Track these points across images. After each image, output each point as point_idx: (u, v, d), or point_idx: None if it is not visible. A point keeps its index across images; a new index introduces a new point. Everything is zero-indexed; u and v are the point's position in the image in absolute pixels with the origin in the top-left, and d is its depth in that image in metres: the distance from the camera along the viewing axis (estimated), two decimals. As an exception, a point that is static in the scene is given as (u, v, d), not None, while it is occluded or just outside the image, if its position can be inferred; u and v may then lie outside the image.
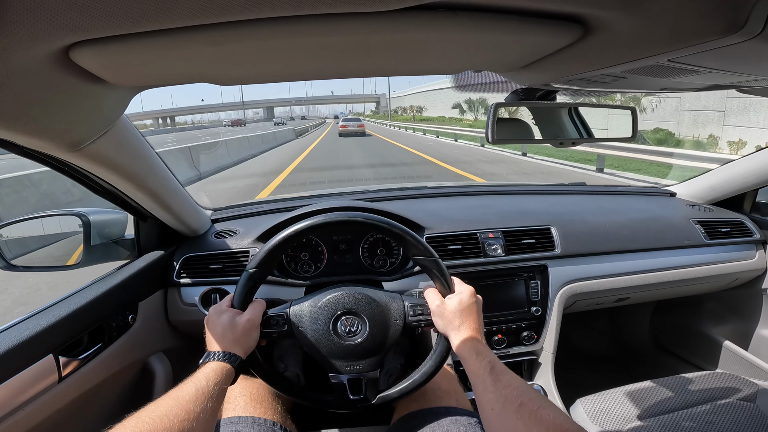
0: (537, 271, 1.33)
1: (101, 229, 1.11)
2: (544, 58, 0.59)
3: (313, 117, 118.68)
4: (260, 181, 8.65)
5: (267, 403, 0.89)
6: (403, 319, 0.84)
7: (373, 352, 0.82)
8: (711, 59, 0.47)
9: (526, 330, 1.32)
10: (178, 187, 1.11)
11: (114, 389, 1.04)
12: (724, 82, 0.64)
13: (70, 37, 0.42)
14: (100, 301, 0.95)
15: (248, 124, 71.32)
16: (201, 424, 0.59)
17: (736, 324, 1.66)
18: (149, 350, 1.16)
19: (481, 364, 0.69)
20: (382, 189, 1.71)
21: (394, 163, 11.59)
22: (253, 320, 0.78)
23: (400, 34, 0.48)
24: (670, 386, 1.16)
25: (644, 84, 0.69)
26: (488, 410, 0.65)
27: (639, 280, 1.40)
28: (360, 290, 0.85)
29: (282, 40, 0.46)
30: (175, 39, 0.44)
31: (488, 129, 0.83)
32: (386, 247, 1.26)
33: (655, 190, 1.81)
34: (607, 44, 0.50)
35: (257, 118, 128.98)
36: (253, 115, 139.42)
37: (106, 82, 0.56)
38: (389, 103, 75.29)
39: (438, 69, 0.68)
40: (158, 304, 1.19)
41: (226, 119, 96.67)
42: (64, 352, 0.84)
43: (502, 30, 0.49)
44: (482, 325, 0.80)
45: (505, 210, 1.48)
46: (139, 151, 0.90)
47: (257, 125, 61.67)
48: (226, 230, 1.31)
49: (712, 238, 1.47)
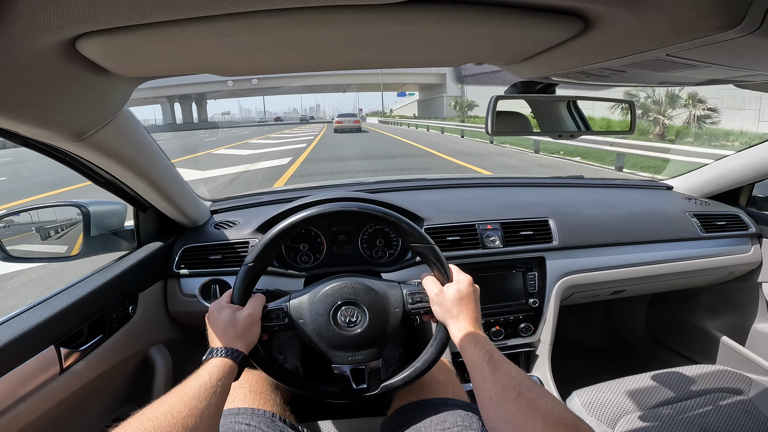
0: (535, 263, 1.34)
1: (100, 219, 1.11)
2: (544, 51, 0.59)
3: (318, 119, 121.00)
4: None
5: (266, 395, 0.90)
6: (402, 308, 0.84)
7: (373, 341, 0.82)
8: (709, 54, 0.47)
9: (523, 322, 1.33)
10: (179, 178, 1.11)
11: (115, 381, 1.05)
12: (723, 77, 0.64)
13: (78, 27, 0.42)
14: (101, 292, 0.96)
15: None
16: (205, 420, 0.60)
17: (730, 317, 1.67)
18: (149, 342, 1.16)
19: (479, 353, 0.70)
20: (382, 180, 1.71)
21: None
22: (253, 315, 0.78)
23: (403, 27, 0.48)
24: (664, 379, 1.17)
25: (643, 78, 0.70)
26: (486, 399, 0.65)
27: (635, 272, 1.41)
28: (358, 280, 0.85)
29: (287, 31, 0.47)
30: (182, 30, 0.44)
31: (488, 121, 0.84)
32: (385, 238, 1.27)
33: (652, 183, 1.82)
34: (606, 38, 0.50)
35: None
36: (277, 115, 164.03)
37: (111, 73, 0.56)
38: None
39: (439, 61, 0.68)
40: (158, 295, 1.19)
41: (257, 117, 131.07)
42: (65, 344, 0.85)
43: (502, 23, 0.49)
44: (480, 314, 0.80)
45: (503, 202, 1.49)
46: (141, 142, 0.90)
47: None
48: (226, 221, 1.31)
49: (708, 231, 1.48)
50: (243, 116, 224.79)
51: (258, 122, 77.78)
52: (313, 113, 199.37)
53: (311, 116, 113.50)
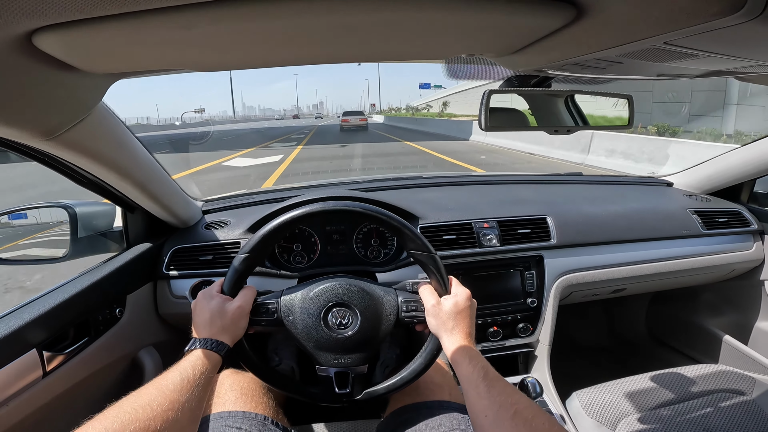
0: (533, 261, 1.32)
1: (88, 221, 1.09)
2: (536, 41, 0.57)
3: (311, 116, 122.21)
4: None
5: (258, 398, 0.88)
6: (396, 315, 0.82)
7: (362, 346, 0.80)
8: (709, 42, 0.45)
9: (521, 322, 1.31)
10: (166, 177, 1.09)
11: (102, 384, 1.03)
12: (723, 68, 0.62)
13: (27, 22, 0.40)
14: (86, 294, 0.93)
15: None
16: (186, 413, 0.58)
17: (732, 316, 1.65)
18: (138, 344, 1.14)
19: (474, 369, 0.68)
20: (376, 179, 1.68)
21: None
22: (243, 307, 0.76)
23: (383, 14, 0.45)
24: (666, 379, 1.15)
25: (640, 70, 0.67)
26: (481, 417, 0.64)
27: (635, 270, 1.39)
28: (354, 282, 0.83)
29: (257, 22, 0.44)
30: (143, 22, 0.41)
31: (481, 116, 0.82)
32: (380, 238, 1.25)
33: (652, 179, 1.79)
34: (600, 26, 0.48)
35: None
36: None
37: (78, 69, 0.54)
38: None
39: (426, 54, 0.66)
40: (147, 297, 1.17)
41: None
42: (48, 347, 0.83)
43: (491, 11, 0.47)
44: (474, 329, 0.79)
45: (500, 199, 1.46)
46: (121, 140, 0.88)
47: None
48: (217, 221, 1.29)
49: (709, 228, 1.45)
50: (245, 114, 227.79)
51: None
52: (313, 111, 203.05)
53: (318, 115, 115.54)
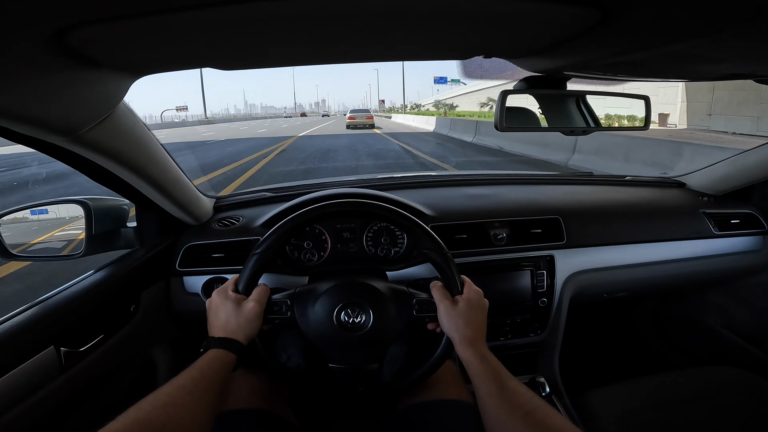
0: (544, 261, 1.31)
1: (103, 217, 1.09)
2: (558, 43, 0.56)
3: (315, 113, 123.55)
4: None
5: (268, 395, 0.89)
6: (408, 313, 0.82)
7: (374, 344, 0.81)
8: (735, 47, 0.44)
9: (532, 321, 1.31)
10: (181, 175, 1.10)
11: (117, 381, 1.04)
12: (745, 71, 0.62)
13: (62, 19, 0.40)
14: (102, 291, 0.94)
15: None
16: (204, 413, 0.59)
17: (744, 318, 1.64)
18: (152, 341, 1.15)
19: (486, 369, 0.68)
20: (387, 177, 1.68)
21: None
22: (257, 306, 0.77)
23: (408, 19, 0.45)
24: (676, 381, 1.15)
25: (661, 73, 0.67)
26: (493, 416, 0.64)
27: (646, 271, 1.38)
28: (367, 281, 0.83)
29: (283, 21, 0.44)
30: (174, 20, 0.42)
31: (497, 116, 0.82)
32: (390, 236, 1.25)
33: (664, 180, 1.78)
34: (626, 29, 0.47)
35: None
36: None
37: (103, 68, 0.54)
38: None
39: (446, 54, 0.66)
40: (161, 294, 1.18)
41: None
42: (65, 344, 0.83)
43: (513, 12, 0.47)
44: (485, 329, 0.79)
45: (512, 200, 1.46)
46: (140, 139, 0.88)
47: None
48: (229, 218, 1.30)
49: (721, 229, 1.44)
50: (247, 111, 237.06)
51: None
52: (314, 109, 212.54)
53: (325, 113, 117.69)
